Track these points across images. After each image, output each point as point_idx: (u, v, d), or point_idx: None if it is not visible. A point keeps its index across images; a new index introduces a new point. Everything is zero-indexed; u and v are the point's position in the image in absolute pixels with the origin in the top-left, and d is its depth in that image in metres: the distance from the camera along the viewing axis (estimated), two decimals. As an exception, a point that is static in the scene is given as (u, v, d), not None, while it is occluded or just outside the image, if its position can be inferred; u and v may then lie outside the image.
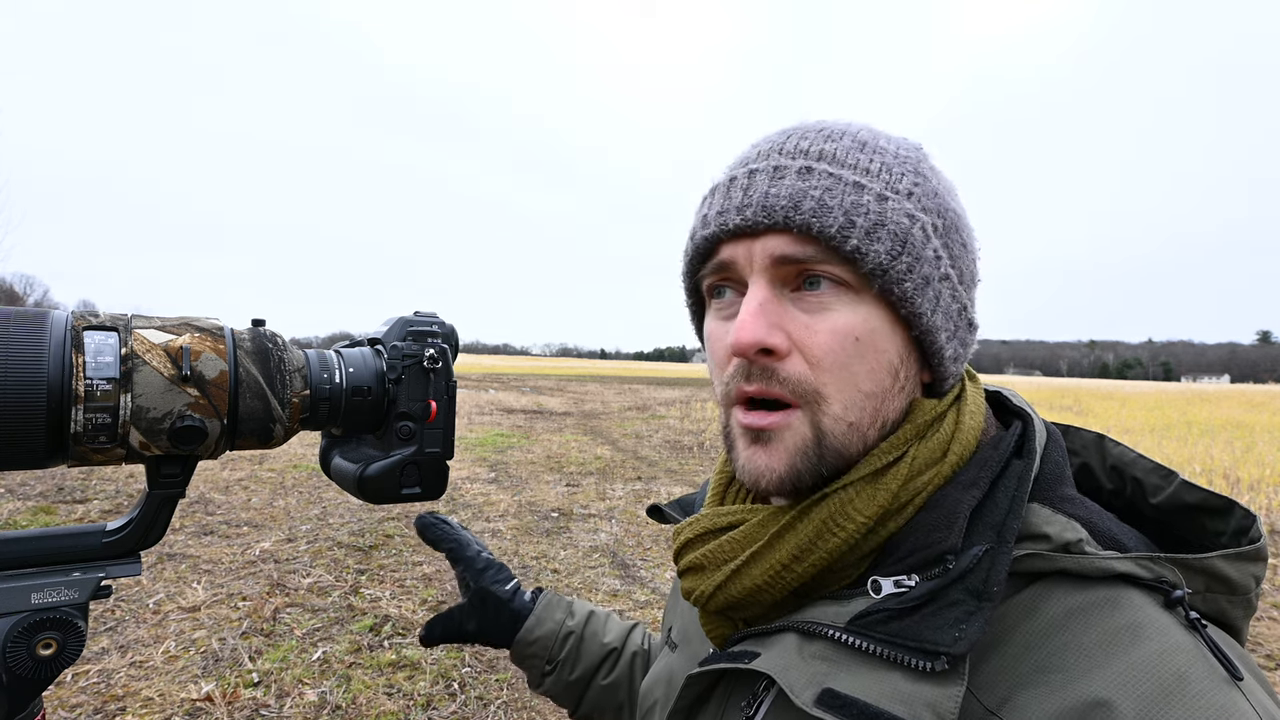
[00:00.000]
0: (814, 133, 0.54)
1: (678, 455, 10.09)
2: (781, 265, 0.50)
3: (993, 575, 0.44)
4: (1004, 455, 0.52)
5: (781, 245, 0.50)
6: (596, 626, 0.93)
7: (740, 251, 0.52)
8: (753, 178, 0.52)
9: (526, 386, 26.57)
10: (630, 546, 5.27)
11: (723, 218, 0.52)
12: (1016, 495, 0.48)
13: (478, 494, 6.86)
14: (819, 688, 0.45)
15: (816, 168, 0.51)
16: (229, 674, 3.02)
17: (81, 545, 0.52)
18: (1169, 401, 27.55)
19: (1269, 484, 8.47)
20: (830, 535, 0.50)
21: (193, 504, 5.79)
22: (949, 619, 0.43)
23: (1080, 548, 0.45)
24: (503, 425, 12.87)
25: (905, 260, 0.50)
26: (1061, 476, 0.52)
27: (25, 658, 0.48)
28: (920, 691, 0.42)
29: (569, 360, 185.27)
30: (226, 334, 0.54)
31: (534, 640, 0.87)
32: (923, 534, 0.49)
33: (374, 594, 4.04)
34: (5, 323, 0.45)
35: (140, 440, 0.49)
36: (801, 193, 0.50)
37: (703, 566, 0.56)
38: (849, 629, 0.47)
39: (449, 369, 0.66)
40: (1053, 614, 0.44)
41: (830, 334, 0.50)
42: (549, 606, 0.91)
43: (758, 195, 0.51)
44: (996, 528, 0.47)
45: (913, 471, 0.51)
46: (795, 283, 0.51)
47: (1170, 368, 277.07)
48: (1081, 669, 0.40)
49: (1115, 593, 0.44)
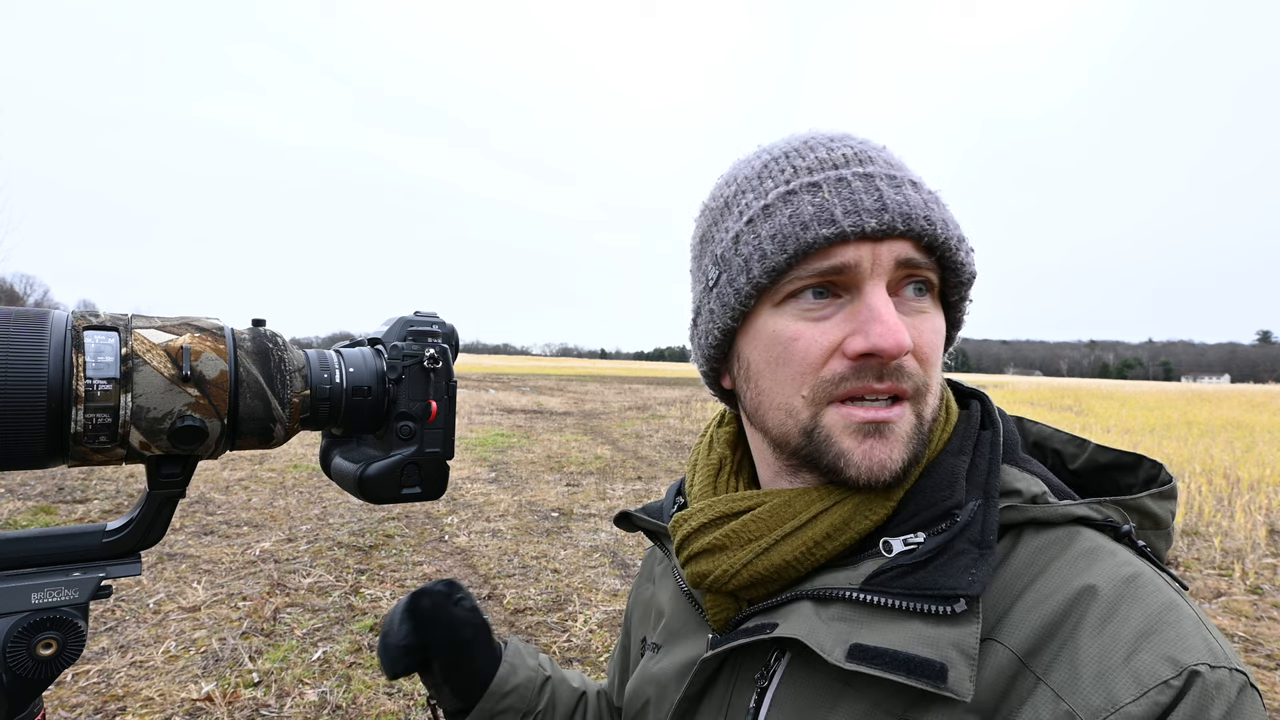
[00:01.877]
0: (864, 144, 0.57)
1: (678, 455, 10.09)
2: (899, 269, 0.53)
3: (988, 525, 0.50)
4: (975, 428, 0.59)
5: (908, 251, 0.53)
6: (562, 673, 0.88)
7: (865, 254, 0.52)
8: (869, 182, 0.53)
9: (526, 386, 26.58)
10: (630, 546, 5.27)
11: (853, 218, 0.51)
12: (993, 458, 0.56)
13: (478, 494, 6.86)
14: (847, 644, 0.48)
15: (919, 182, 0.55)
16: (229, 674, 3.02)
17: (81, 545, 0.52)
18: (1169, 401, 27.56)
19: (1269, 484, 8.47)
20: (864, 517, 0.55)
21: (193, 504, 5.79)
22: (960, 565, 0.48)
23: (1045, 499, 0.53)
24: (503, 425, 12.87)
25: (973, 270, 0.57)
26: (1016, 443, 0.60)
27: (25, 658, 0.48)
28: (943, 634, 0.46)
29: (569, 360, 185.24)
30: (227, 334, 0.54)
31: (509, 690, 0.78)
32: (926, 495, 0.54)
33: (374, 594, 4.04)
34: (5, 323, 0.45)
35: (140, 440, 0.49)
36: (922, 204, 0.53)
37: (724, 546, 0.58)
38: (865, 588, 0.51)
39: (449, 369, 0.66)
40: (1025, 554, 0.51)
41: (933, 334, 0.55)
42: (518, 653, 0.83)
43: (891, 201, 0.52)
44: (982, 486, 0.54)
45: (934, 450, 0.57)
46: (896, 287, 0.54)
47: (1170, 368, 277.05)
48: (1060, 580, 0.48)
49: (1073, 531, 0.51)
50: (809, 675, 0.52)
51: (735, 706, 0.57)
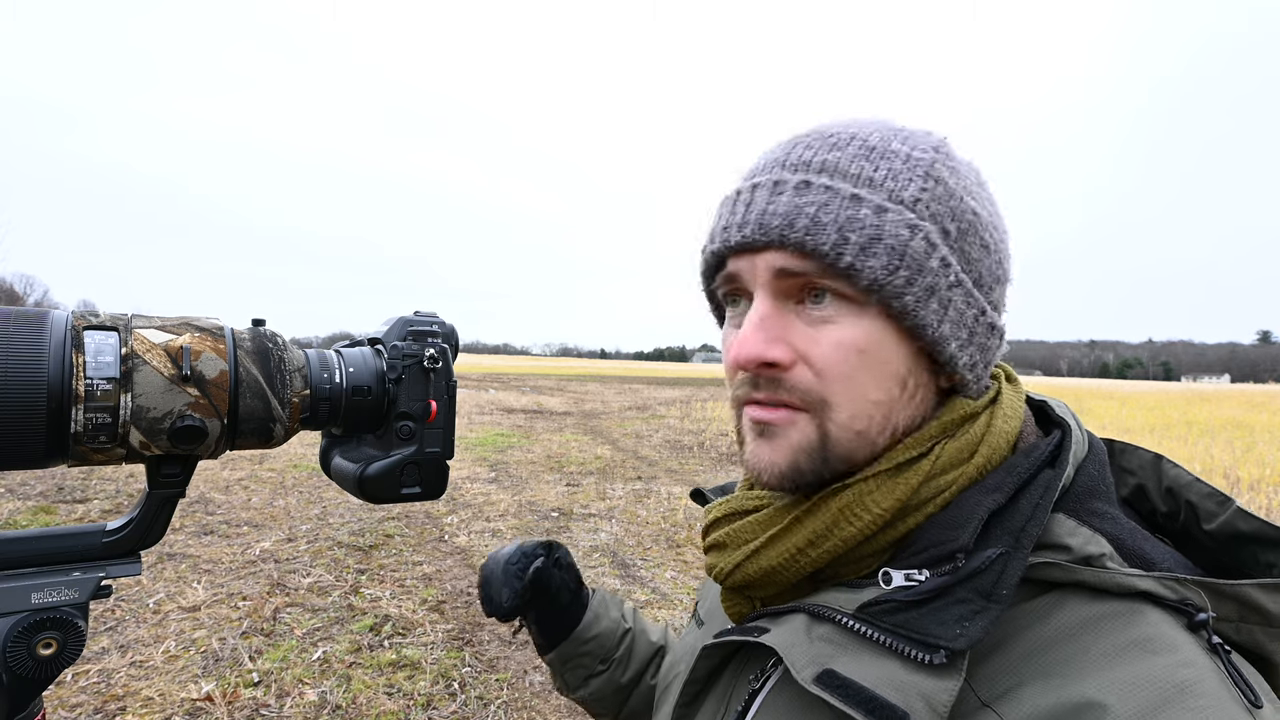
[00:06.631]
0: (820, 140, 0.54)
1: (678, 455, 10.09)
2: (783, 279, 0.51)
3: (1004, 579, 0.44)
4: (1035, 463, 0.52)
5: (781, 260, 0.51)
6: (644, 624, 0.94)
7: (744, 265, 0.53)
8: (754, 193, 0.53)
9: (526, 386, 26.57)
10: (630, 546, 5.27)
11: (725, 234, 0.54)
12: (1040, 504, 0.48)
13: (478, 494, 6.86)
14: (820, 667, 0.46)
15: (815, 182, 0.51)
16: (229, 674, 3.02)
17: (81, 545, 0.52)
18: (1169, 401, 27.55)
19: (1269, 484, 8.47)
20: (846, 524, 0.51)
21: (193, 504, 5.79)
22: (953, 615, 0.44)
23: (1102, 562, 0.45)
24: (503, 425, 12.86)
25: (904, 273, 0.49)
26: (1095, 490, 0.51)
27: (25, 657, 0.48)
28: (916, 681, 0.42)
29: (569, 360, 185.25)
30: (227, 334, 0.54)
31: (591, 637, 0.86)
32: (938, 531, 0.50)
33: (374, 594, 4.04)
34: (5, 323, 0.45)
35: (140, 440, 0.49)
36: (797, 209, 0.50)
37: (725, 545, 0.58)
38: (856, 615, 0.48)
39: (449, 369, 0.66)
40: (1065, 622, 0.44)
41: (834, 347, 0.50)
42: (604, 603, 0.90)
43: (755, 213, 0.52)
44: (1015, 533, 0.47)
45: (935, 469, 0.51)
46: (799, 295, 0.52)
47: (1170, 368, 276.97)
48: (1084, 672, 0.40)
49: (1133, 608, 0.43)
50: (791, 688, 0.51)
51: (734, 701, 0.58)
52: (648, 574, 4.66)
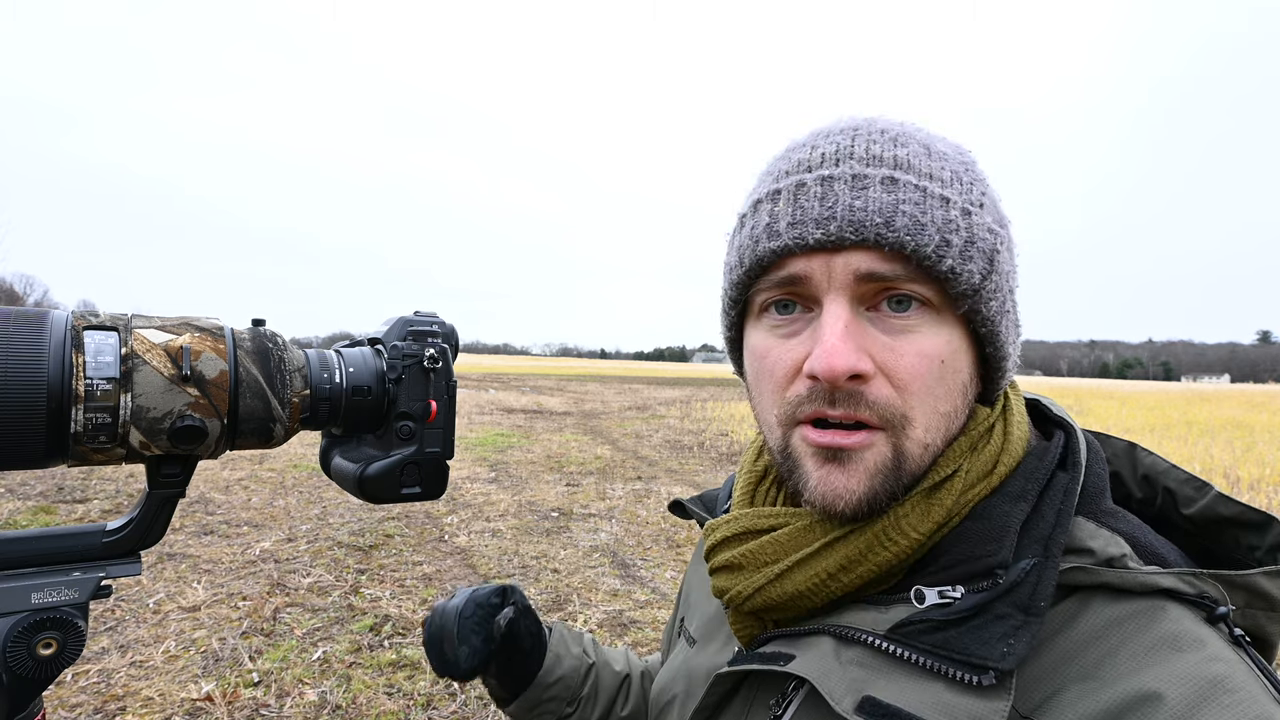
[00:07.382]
0: (880, 135, 0.50)
1: (678, 455, 10.09)
2: (864, 283, 0.47)
3: (1040, 590, 0.44)
4: (1049, 467, 0.51)
5: (868, 262, 0.47)
6: (606, 655, 0.89)
7: (816, 266, 0.48)
8: (829, 186, 0.48)
9: (526, 386, 26.57)
10: (630, 546, 5.27)
11: (798, 230, 0.48)
12: (1063, 509, 0.48)
13: (478, 494, 6.86)
14: (859, 695, 0.44)
15: (901, 179, 0.47)
16: (229, 674, 3.02)
17: (81, 545, 0.52)
18: (1169, 401, 27.55)
19: (1269, 483, 8.47)
20: (882, 549, 0.49)
21: (193, 504, 5.79)
22: (996, 633, 0.43)
23: (1124, 563, 0.45)
24: (503, 425, 12.86)
25: (994, 280, 0.48)
26: (1103, 489, 0.52)
27: (25, 657, 0.48)
28: (965, 704, 0.41)
29: (569, 360, 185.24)
30: (227, 334, 0.54)
31: (556, 680, 0.80)
32: (970, 545, 0.48)
33: (374, 594, 4.04)
34: (5, 323, 0.45)
35: (140, 440, 0.49)
36: (891, 207, 0.46)
37: (740, 566, 0.55)
38: (890, 637, 0.46)
39: (449, 369, 0.66)
40: (1093, 624, 0.44)
41: (917, 357, 0.48)
42: (563, 641, 0.84)
43: (842, 208, 0.47)
44: (1043, 542, 0.46)
45: (965, 485, 0.50)
46: (873, 300, 0.48)
47: (1170, 367, 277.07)
48: (1126, 671, 0.40)
49: (1156, 605, 0.43)
50: (819, 713, 0.48)
51: None
52: (648, 574, 4.66)
